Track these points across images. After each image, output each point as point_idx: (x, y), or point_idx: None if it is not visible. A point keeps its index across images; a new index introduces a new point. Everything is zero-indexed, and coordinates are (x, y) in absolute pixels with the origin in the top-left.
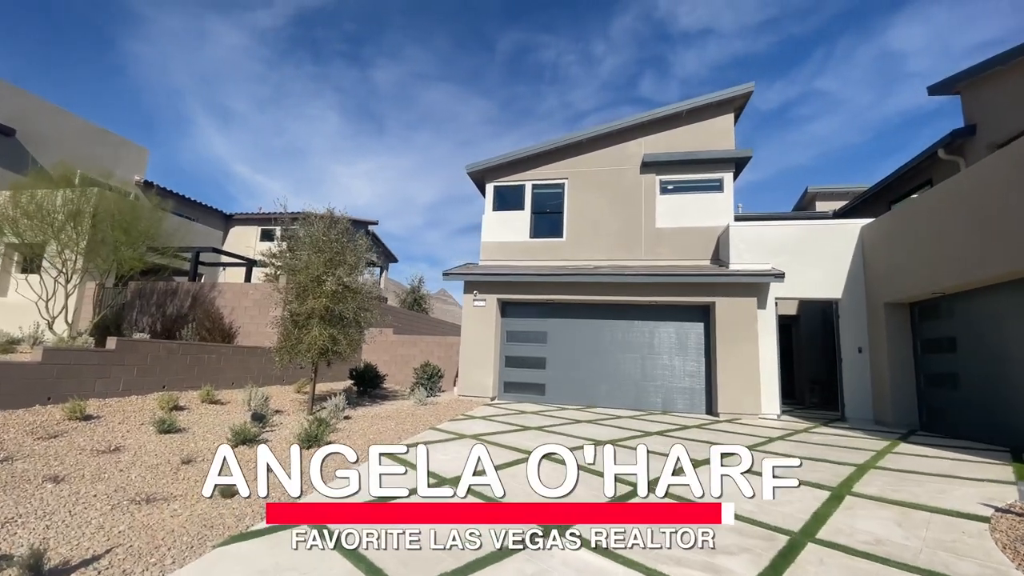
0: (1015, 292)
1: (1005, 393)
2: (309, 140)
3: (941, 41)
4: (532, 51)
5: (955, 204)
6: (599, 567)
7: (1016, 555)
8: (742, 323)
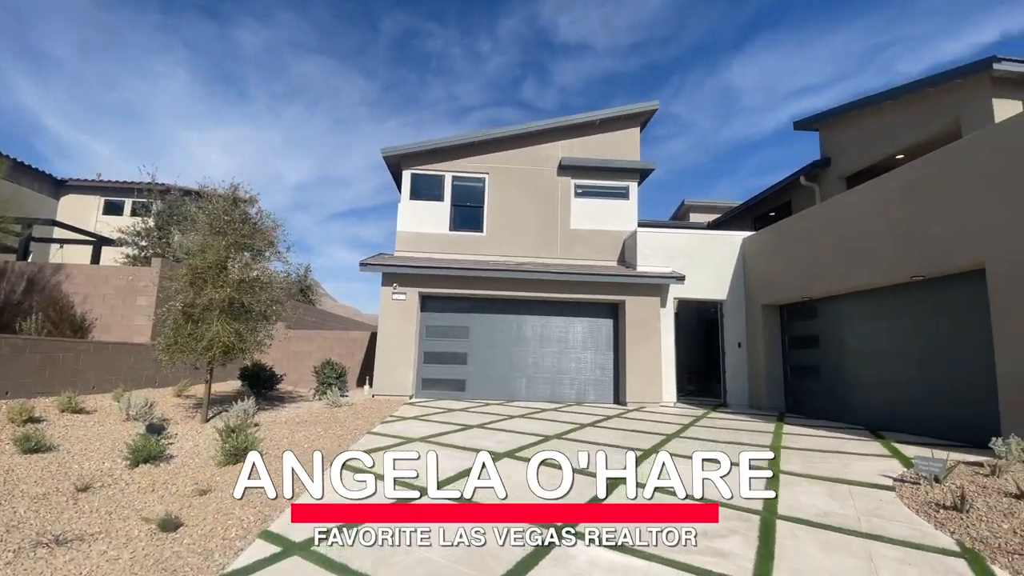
0: (864, 300)
1: (854, 382)
2: (151, 99)
3: (769, 83)
4: (419, 37)
5: (826, 226)
6: (624, 563)
7: (929, 517)
8: (647, 320)
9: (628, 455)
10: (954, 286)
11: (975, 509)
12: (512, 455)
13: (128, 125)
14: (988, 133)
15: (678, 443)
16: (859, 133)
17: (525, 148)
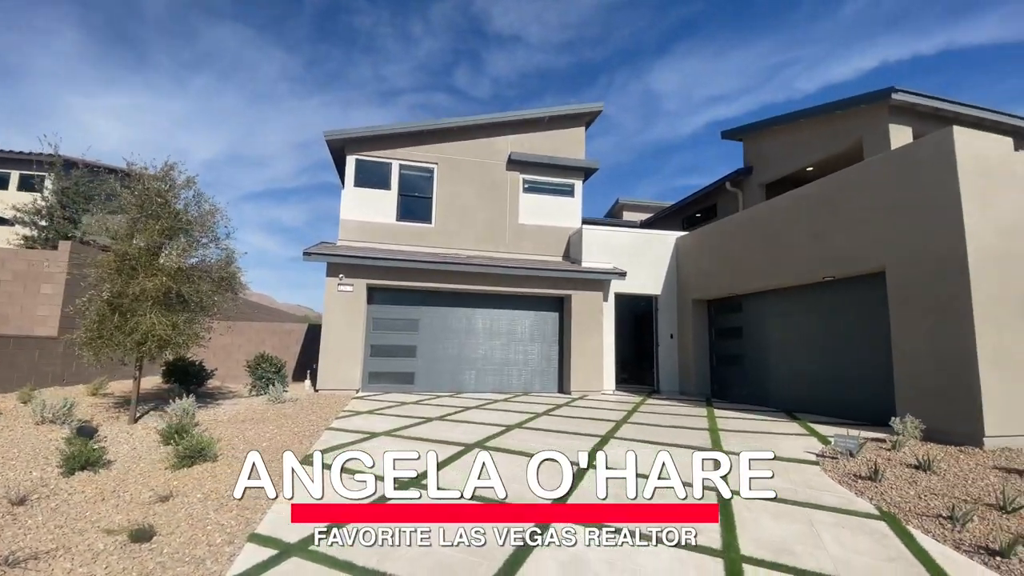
0: (782, 297)
1: (772, 369)
2: (29, 56)
3: (687, 90)
4: (346, 13)
5: (751, 230)
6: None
7: (850, 487)
8: (592, 313)
9: (628, 460)
10: (860, 286)
11: (885, 479)
12: (482, 446)
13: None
14: (887, 158)
15: (629, 428)
16: (777, 146)
17: (475, 140)
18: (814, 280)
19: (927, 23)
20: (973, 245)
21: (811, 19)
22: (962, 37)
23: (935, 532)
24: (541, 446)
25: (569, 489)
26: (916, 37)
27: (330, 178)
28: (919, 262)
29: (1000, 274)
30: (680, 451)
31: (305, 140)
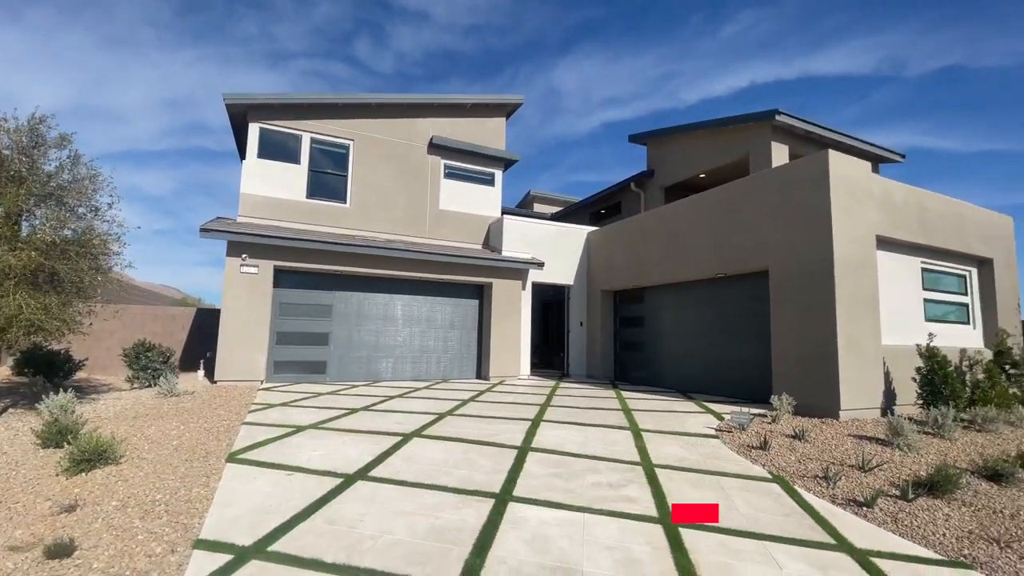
0: (680, 290)
1: (669, 355)
2: None
3: (585, 90)
4: None
5: (656, 229)
6: (566, 518)
7: (747, 456)
8: (511, 301)
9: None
10: (747, 283)
11: (772, 448)
12: (420, 434)
13: None
14: (771, 173)
15: (554, 411)
16: (677, 152)
17: (395, 120)
18: (709, 276)
19: (790, 52)
20: (838, 252)
21: (696, 36)
22: (816, 67)
23: (815, 490)
24: (479, 432)
25: (518, 470)
26: (780, 63)
27: (206, 143)
28: (796, 264)
29: (855, 277)
30: (605, 430)
31: (175, 98)
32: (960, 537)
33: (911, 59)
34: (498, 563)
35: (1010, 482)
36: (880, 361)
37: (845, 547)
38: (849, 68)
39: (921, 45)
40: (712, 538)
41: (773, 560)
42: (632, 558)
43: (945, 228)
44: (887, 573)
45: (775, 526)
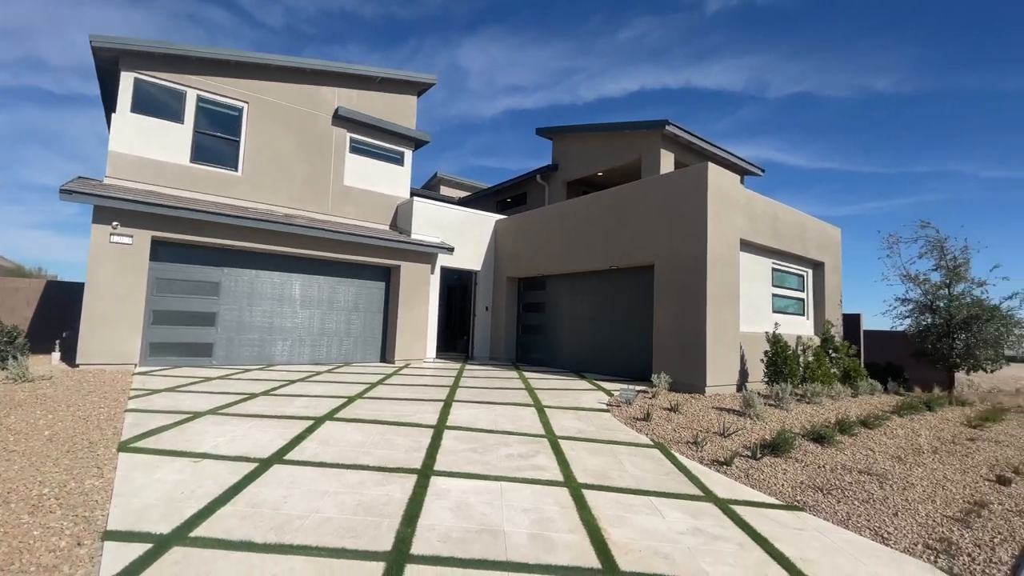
0: (578, 279)
1: (565, 338)
2: None
3: (490, 74)
4: None
5: (559, 221)
6: (485, 487)
7: (633, 426)
8: (419, 285)
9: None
10: (635, 275)
11: (653, 419)
12: (333, 418)
13: None
14: (659, 179)
15: (463, 392)
16: (579, 150)
17: (298, 85)
18: (604, 267)
19: (676, 63)
20: (711, 252)
21: (595, 35)
22: (698, 80)
23: (687, 453)
24: (393, 414)
25: (436, 447)
26: (667, 72)
27: (44, 83)
28: (676, 260)
29: (721, 273)
30: (512, 408)
31: (4, 26)
32: (794, 486)
33: (772, 82)
34: (427, 530)
35: (830, 443)
36: (738, 345)
37: (711, 498)
38: (723, 84)
39: (781, 70)
40: (609, 496)
41: (658, 511)
42: (545, 517)
43: (792, 235)
44: (741, 515)
45: (657, 483)
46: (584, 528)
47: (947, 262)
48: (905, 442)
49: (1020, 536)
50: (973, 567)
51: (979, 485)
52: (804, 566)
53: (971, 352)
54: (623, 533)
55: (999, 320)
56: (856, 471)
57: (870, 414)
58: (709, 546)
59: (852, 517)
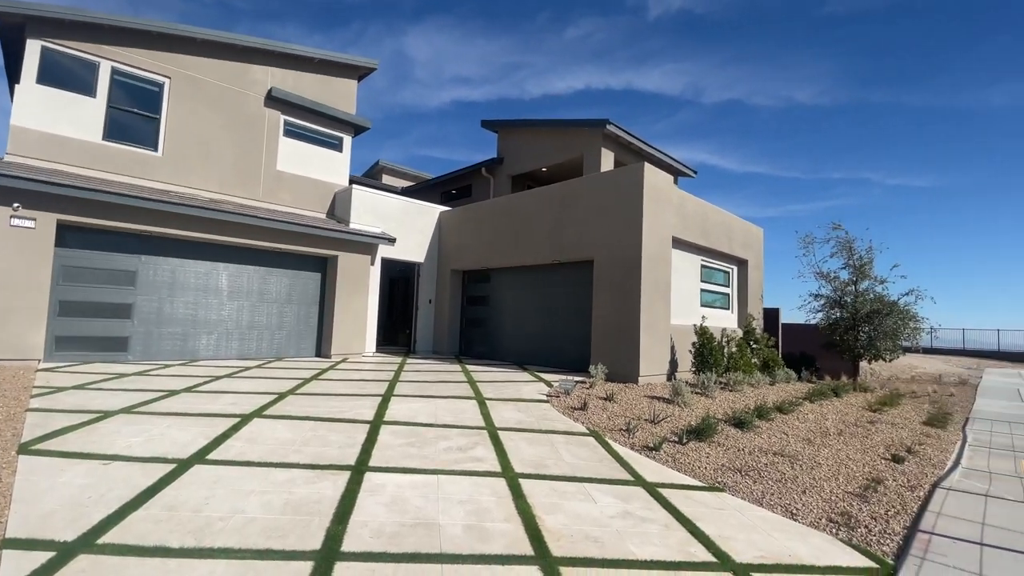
0: (522, 272)
1: (508, 330)
2: None
3: (437, 64)
4: None
5: (504, 215)
6: (422, 481)
7: (570, 416)
8: (358, 276)
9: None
10: (577, 270)
11: (590, 408)
12: (262, 415)
13: None
14: (599, 177)
15: (403, 386)
16: (524, 144)
17: (227, 62)
18: (547, 262)
19: (618, 65)
20: (646, 248)
21: (542, 31)
22: (639, 82)
23: (620, 440)
24: (328, 410)
25: (372, 443)
26: (610, 74)
27: None
28: (614, 256)
29: (654, 268)
30: (453, 401)
31: None
32: (716, 469)
33: (707, 88)
34: (360, 527)
35: (749, 427)
36: (668, 337)
37: (640, 482)
38: (663, 88)
39: (715, 77)
40: (545, 484)
41: (590, 497)
42: (481, 508)
43: (719, 234)
44: (667, 497)
45: (591, 470)
46: (519, 517)
47: (854, 261)
48: (815, 425)
49: (911, 509)
50: (869, 538)
51: (877, 464)
52: (721, 542)
53: (873, 343)
54: (556, 520)
55: (897, 314)
56: (771, 453)
57: (785, 400)
58: (637, 528)
59: (766, 496)
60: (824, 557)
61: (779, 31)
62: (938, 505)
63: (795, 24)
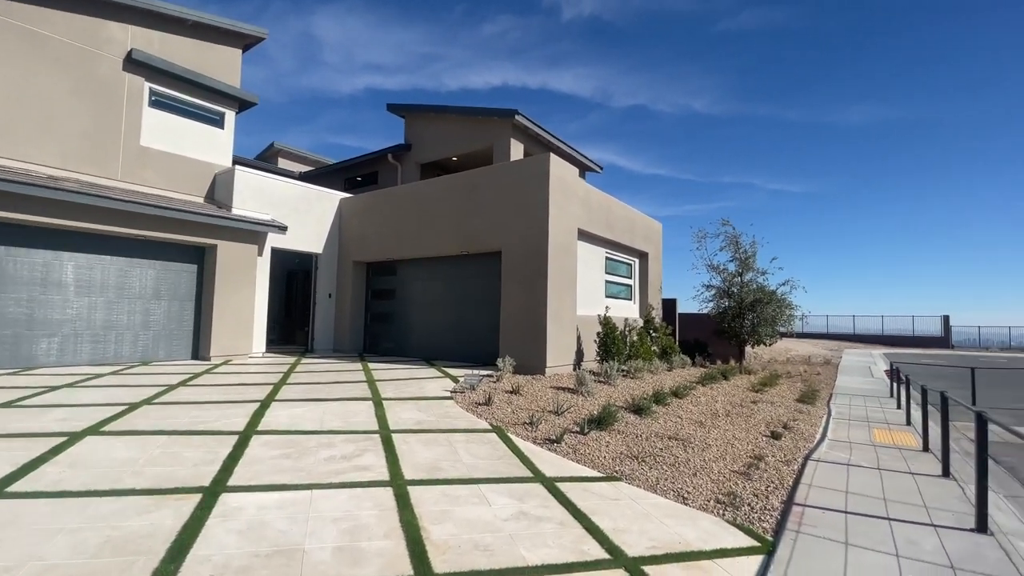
0: (430, 264)
1: (416, 325)
2: None
3: (349, 48)
4: None
5: (411, 203)
6: (291, 498)
7: (474, 412)
8: (242, 269)
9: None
10: (485, 262)
11: (494, 403)
12: (98, 431)
13: None
14: (506, 166)
15: (290, 389)
16: (433, 131)
17: (75, 15)
18: (455, 253)
19: (534, 64)
20: (552, 239)
21: (459, 25)
22: (553, 83)
23: (523, 434)
24: (189, 421)
25: (237, 458)
26: (526, 72)
27: None
28: (521, 247)
29: (560, 259)
30: (346, 403)
31: None
32: (614, 458)
33: (615, 93)
34: (199, 564)
35: (647, 413)
36: (575, 328)
37: (539, 478)
38: (575, 89)
39: (622, 83)
40: (437, 490)
41: (485, 499)
42: (359, 525)
43: (622, 227)
44: (564, 492)
45: (490, 469)
46: (402, 531)
47: (740, 255)
48: (706, 408)
49: (787, 483)
50: (752, 515)
51: (758, 441)
52: (615, 536)
53: (756, 329)
54: (444, 530)
55: (776, 303)
56: (667, 437)
57: (680, 385)
58: (531, 529)
59: (660, 481)
60: (712, 540)
61: (679, 44)
62: (810, 477)
63: (693, 38)
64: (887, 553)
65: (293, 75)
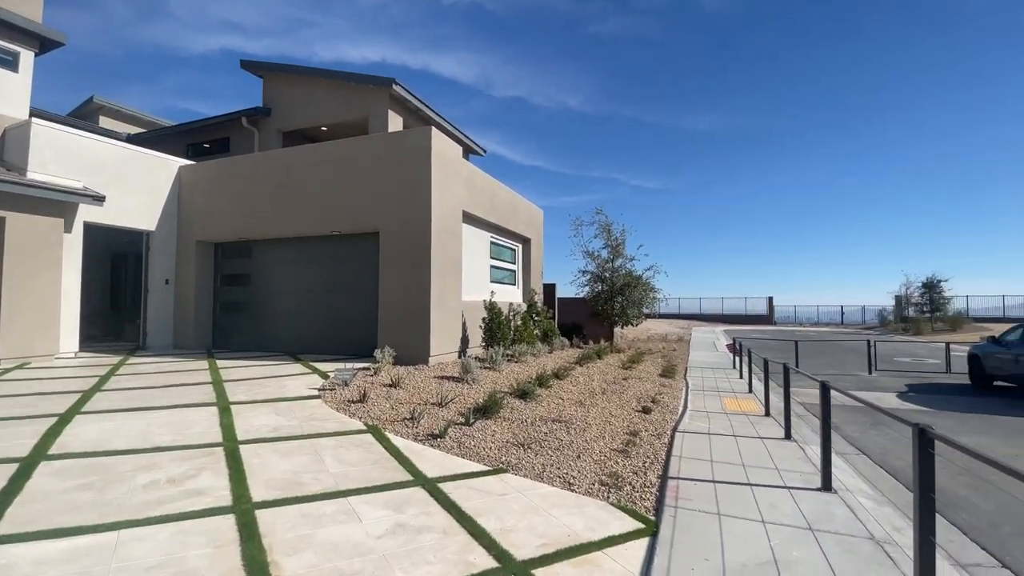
0: (294, 245)
1: (278, 315)
2: None
3: (199, 1)
4: None
5: (270, 175)
6: (67, 548)
7: (346, 411)
8: (42, 247)
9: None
10: (360, 243)
11: (370, 399)
12: None
13: None
14: (384, 137)
15: (104, 398)
16: (298, 96)
17: None
18: (324, 232)
19: (415, 44)
20: (435, 220)
21: None
22: (435, 66)
23: (403, 432)
24: None
25: (10, 497)
26: (407, 52)
27: None
28: (402, 228)
29: (445, 241)
30: (181, 411)
31: None
32: (501, 447)
33: (496, 83)
34: None
35: (531, 397)
36: (460, 313)
37: (420, 480)
38: (457, 75)
39: (502, 73)
40: (294, 511)
41: (355, 514)
42: (184, 571)
43: (506, 211)
44: (448, 494)
45: (362, 477)
46: (244, 571)
47: (611, 242)
48: (584, 387)
49: (660, 456)
50: (634, 495)
51: (632, 417)
52: (503, 538)
53: (625, 311)
54: (301, 562)
55: (642, 287)
56: (551, 420)
57: (561, 367)
58: (409, 545)
59: (546, 468)
60: (600, 528)
61: (556, 40)
62: (679, 449)
63: (569, 37)
64: (754, 520)
65: (131, 26)
